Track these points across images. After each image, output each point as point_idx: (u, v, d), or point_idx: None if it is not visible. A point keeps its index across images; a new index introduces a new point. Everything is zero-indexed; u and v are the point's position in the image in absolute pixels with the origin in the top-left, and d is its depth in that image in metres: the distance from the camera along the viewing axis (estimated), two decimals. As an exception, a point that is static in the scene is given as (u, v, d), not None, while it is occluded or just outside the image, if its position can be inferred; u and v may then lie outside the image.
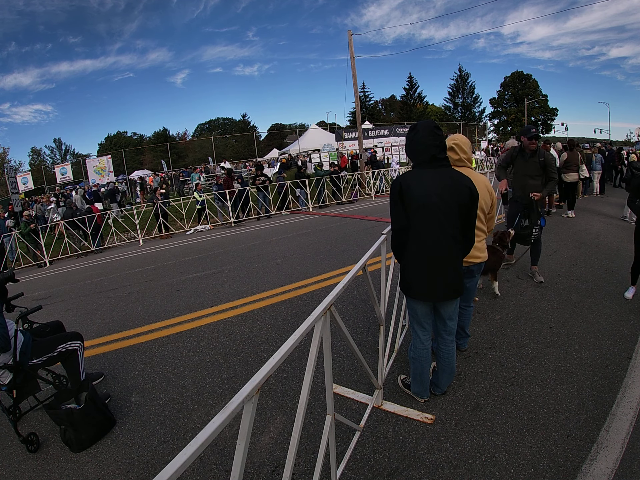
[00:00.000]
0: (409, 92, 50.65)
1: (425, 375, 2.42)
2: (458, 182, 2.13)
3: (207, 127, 54.74)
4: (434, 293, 2.22)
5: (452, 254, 2.17)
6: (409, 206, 2.14)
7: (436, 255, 2.16)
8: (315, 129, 31.16)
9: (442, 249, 2.15)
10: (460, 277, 2.25)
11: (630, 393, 2.41)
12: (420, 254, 2.18)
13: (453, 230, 2.14)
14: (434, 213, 2.11)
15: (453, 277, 2.20)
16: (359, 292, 4.34)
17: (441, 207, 2.10)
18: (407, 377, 2.63)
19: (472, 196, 2.13)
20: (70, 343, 2.70)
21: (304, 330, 1.37)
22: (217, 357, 3.31)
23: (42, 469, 2.27)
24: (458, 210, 2.11)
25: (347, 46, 15.47)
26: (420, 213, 2.13)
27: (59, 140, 47.91)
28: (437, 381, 2.49)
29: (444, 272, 2.18)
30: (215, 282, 5.46)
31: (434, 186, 2.11)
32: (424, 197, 2.10)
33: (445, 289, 2.21)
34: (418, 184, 2.12)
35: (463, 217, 2.14)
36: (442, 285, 2.20)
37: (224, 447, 2.24)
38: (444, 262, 2.17)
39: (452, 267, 2.18)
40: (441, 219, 2.11)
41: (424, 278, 2.20)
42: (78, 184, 22.44)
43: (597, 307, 3.62)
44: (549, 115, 45.94)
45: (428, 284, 2.20)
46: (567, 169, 7.85)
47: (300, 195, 12.72)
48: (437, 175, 2.13)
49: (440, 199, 2.09)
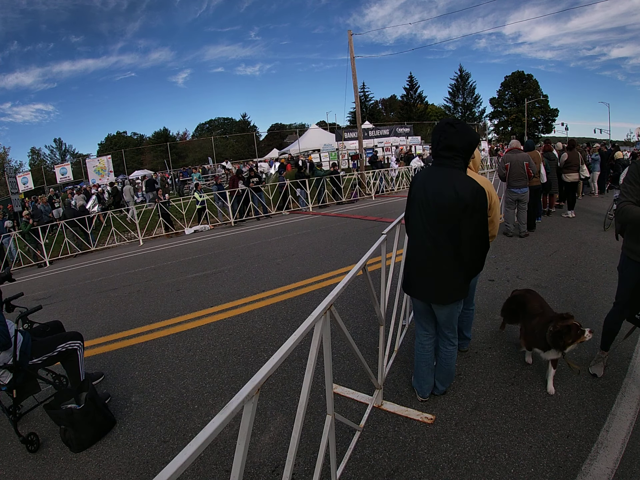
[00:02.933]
0: (409, 92, 50.59)
1: (423, 375, 2.42)
2: (447, 184, 1.96)
3: (207, 127, 54.71)
4: (422, 293, 2.21)
5: (436, 259, 2.07)
6: (409, 196, 2.22)
7: (420, 255, 2.14)
8: (315, 129, 31.14)
9: (425, 250, 2.09)
10: (447, 286, 2.10)
11: (630, 393, 2.40)
12: (411, 249, 2.23)
13: (437, 234, 2.03)
14: (419, 210, 2.09)
15: (438, 282, 2.10)
16: (359, 292, 4.34)
17: (424, 206, 2.05)
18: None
19: (457, 199, 1.92)
20: (70, 343, 2.70)
21: (304, 330, 1.37)
22: (217, 357, 3.31)
23: (42, 469, 2.27)
24: (438, 213, 2.00)
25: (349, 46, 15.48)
26: (412, 207, 2.17)
27: (59, 140, 47.94)
28: (436, 380, 2.48)
29: (427, 274, 2.13)
30: (215, 282, 5.46)
31: (425, 182, 2.08)
32: (415, 191, 2.14)
33: (429, 292, 2.15)
34: (419, 178, 2.16)
35: (446, 224, 1.99)
36: (425, 287, 2.16)
37: (224, 447, 2.24)
38: (427, 264, 2.11)
39: (437, 273, 2.09)
40: (424, 218, 2.06)
41: (412, 275, 2.24)
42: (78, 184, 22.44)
43: (597, 307, 3.61)
44: (550, 115, 45.92)
45: (414, 282, 2.22)
46: (567, 169, 7.84)
47: (300, 195, 12.72)
48: (434, 173, 2.07)
49: (425, 197, 2.04)
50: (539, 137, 42.09)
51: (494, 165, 17.84)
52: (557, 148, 8.72)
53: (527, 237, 6.39)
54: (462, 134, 1.97)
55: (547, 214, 8.12)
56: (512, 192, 6.35)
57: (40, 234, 9.89)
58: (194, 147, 44.66)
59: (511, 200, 6.46)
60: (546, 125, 45.97)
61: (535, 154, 6.89)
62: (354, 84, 15.75)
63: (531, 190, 6.51)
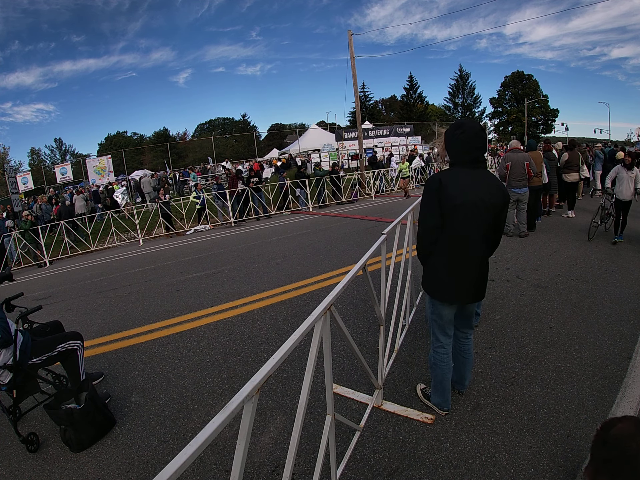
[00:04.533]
0: (409, 92, 50.55)
1: (447, 383, 2.32)
2: (493, 183, 2.13)
3: (207, 127, 54.71)
4: (465, 295, 2.18)
5: (484, 255, 2.19)
6: (445, 205, 2.08)
7: (471, 255, 2.13)
8: (315, 129, 31.15)
9: (476, 250, 2.14)
10: (485, 280, 2.24)
11: (630, 393, 2.40)
12: (455, 254, 2.13)
13: (486, 231, 2.13)
14: (472, 213, 2.07)
15: (483, 278, 2.21)
16: (359, 292, 4.34)
17: (478, 208, 2.07)
18: (427, 387, 2.53)
19: (504, 197, 2.14)
20: (70, 343, 2.70)
21: (304, 330, 1.37)
22: (217, 357, 3.31)
23: (42, 469, 2.27)
24: (492, 211, 2.10)
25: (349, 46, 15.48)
26: (457, 213, 2.08)
27: (59, 140, 47.94)
28: (461, 377, 2.46)
29: (476, 273, 2.17)
30: (215, 282, 5.46)
31: (472, 186, 2.08)
32: (462, 197, 2.06)
33: (476, 290, 2.20)
34: (456, 183, 2.08)
35: (496, 218, 2.14)
36: (473, 286, 2.18)
37: (224, 447, 2.24)
38: (477, 263, 2.16)
39: (483, 268, 2.20)
40: (477, 219, 2.09)
41: (457, 279, 2.15)
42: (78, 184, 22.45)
43: (597, 307, 3.61)
44: (550, 115, 45.92)
45: (461, 285, 2.16)
46: (567, 169, 7.84)
47: (300, 195, 12.72)
48: (475, 176, 2.11)
49: (479, 199, 2.07)
50: (539, 137, 42.08)
51: (494, 166, 17.85)
52: (557, 148, 8.71)
53: (527, 237, 6.39)
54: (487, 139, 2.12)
55: (547, 214, 8.12)
56: (513, 192, 6.34)
57: (40, 233, 9.89)
58: (194, 147, 44.66)
59: (511, 201, 6.45)
60: (546, 125, 45.94)
61: (537, 154, 6.89)
62: (354, 84, 15.75)
63: (532, 190, 6.51)
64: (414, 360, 2.96)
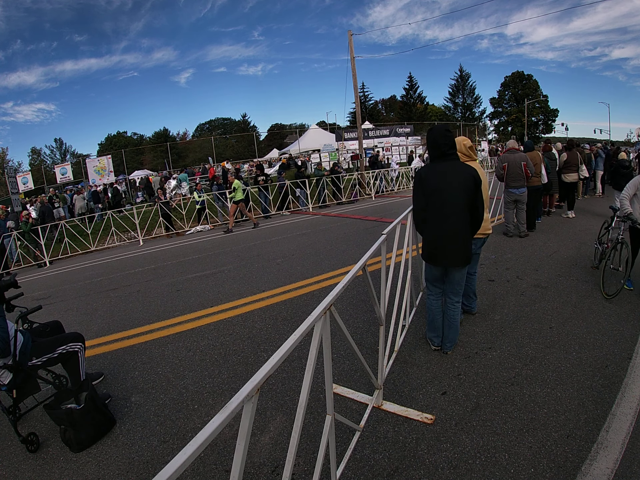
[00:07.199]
0: (409, 92, 50.64)
1: (437, 323, 3.01)
2: (462, 170, 2.70)
3: (207, 127, 54.74)
4: (441, 259, 2.78)
5: (461, 228, 2.69)
6: (426, 190, 2.73)
7: (448, 228, 2.69)
8: (316, 129, 31.17)
9: (452, 224, 2.68)
10: (469, 247, 2.75)
11: (630, 393, 2.40)
12: (436, 227, 2.74)
13: (460, 209, 2.66)
14: (446, 194, 2.66)
15: (463, 247, 2.71)
16: (359, 292, 4.34)
17: (449, 190, 2.66)
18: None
19: (475, 181, 2.67)
20: (71, 345, 2.68)
21: (304, 330, 1.37)
22: (217, 357, 3.31)
23: (42, 469, 2.27)
24: (464, 192, 2.65)
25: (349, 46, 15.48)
26: (434, 195, 2.70)
27: (59, 140, 47.94)
28: (445, 338, 3.00)
29: (455, 242, 2.70)
30: (215, 282, 5.46)
31: (443, 174, 2.69)
32: (436, 183, 2.69)
33: (456, 256, 2.73)
34: (432, 173, 2.73)
35: (469, 198, 2.66)
36: (453, 253, 2.72)
37: (224, 447, 2.24)
38: (454, 234, 2.69)
39: (461, 239, 2.70)
40: (449, 199, 2.66)
41: (439, 247, 2.75)
42: (78, 184, 22.44)
43: (597, 307, 3.62)
44: (550, 115, 45.93)
45: (442, 251, 2.74)
46: (567, 169, 7.84)
47: (300, 195, 12.71)
48: (445, 167, 2.70)
49: (448, 184, 2.66)
50: (539, 137, 42.08)
51: (493, 166, 17.84)
52: (557, 148, 8.71)
53: (527, 237, 6.39)
54: (453, 137, 2.80)
55: (547, 214, 8.12)
56: (510, 193, 6.33)
57: (40, 233, 9.89)
58: (194, 147, 44.68)
59: (510, 201, 6.44)
60: (546, 126, 45.98)
61: (535, 154, 6.87)
62: (354, 84, 15.75)
63: (532, 190, 6.49)
64: (414, 360, 2.96)
